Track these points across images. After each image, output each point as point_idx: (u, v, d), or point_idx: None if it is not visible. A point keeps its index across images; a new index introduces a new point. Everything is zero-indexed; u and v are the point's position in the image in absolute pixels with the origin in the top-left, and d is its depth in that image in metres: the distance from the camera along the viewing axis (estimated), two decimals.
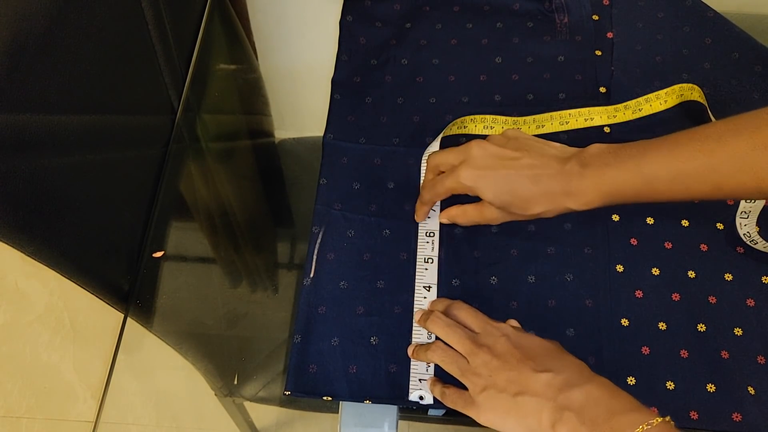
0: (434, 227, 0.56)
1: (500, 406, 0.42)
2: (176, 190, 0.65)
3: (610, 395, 0.40)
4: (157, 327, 0.57)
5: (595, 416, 0.38)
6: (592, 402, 0.39)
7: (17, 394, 1.15)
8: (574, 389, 0.40)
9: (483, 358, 0.44)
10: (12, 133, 0.42)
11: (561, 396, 0.40)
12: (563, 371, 0.41)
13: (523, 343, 0.44)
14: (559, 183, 0.47)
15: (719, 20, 0.65)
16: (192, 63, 0.71)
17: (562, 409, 0.39)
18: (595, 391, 0.40)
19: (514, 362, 0.43)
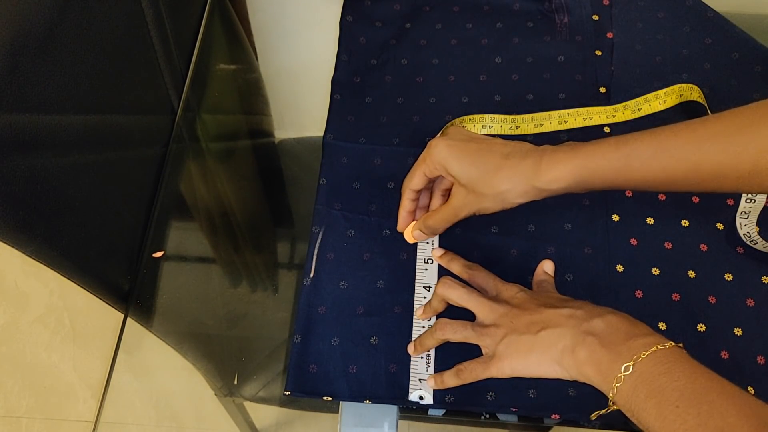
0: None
1: (522, 348, 0.43)
2: (176, 190, 0.65)
3: (629, 323, 0.41)
4: (157, 327, 0.57)
5: (614, 339, 0.40)
6: (612, 328, 0.41)
7: (17, 394, 1.15)
8: (596, 318, 0.41)
9: (502, 311, 0.45)
10: (12, 133, 0.42)
11: (584, 324, 0.41)
12: (583, 306, 0.43)
13: (538, 295, 0.46)
14: (529, 159, 0.46)
15: (719, 20, 0.65)
16: (192, 63, 0.71)
17: (585, 334, 0.41)
18: (615, 319, 0.41)
19: (534, 307, 0.44)
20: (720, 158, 0.41)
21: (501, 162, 0.47)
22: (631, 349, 0.39)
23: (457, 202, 0.49)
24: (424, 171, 0.50)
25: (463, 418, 0.53)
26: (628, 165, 0.44)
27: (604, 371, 0.39)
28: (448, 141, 0.48)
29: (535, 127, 0.60)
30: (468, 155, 0.48)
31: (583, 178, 0.45)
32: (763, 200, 0.54)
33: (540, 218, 0.56)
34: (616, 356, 0.39)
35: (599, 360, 0.40)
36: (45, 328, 1.21)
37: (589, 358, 0.40)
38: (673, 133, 0.43)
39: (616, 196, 0.57)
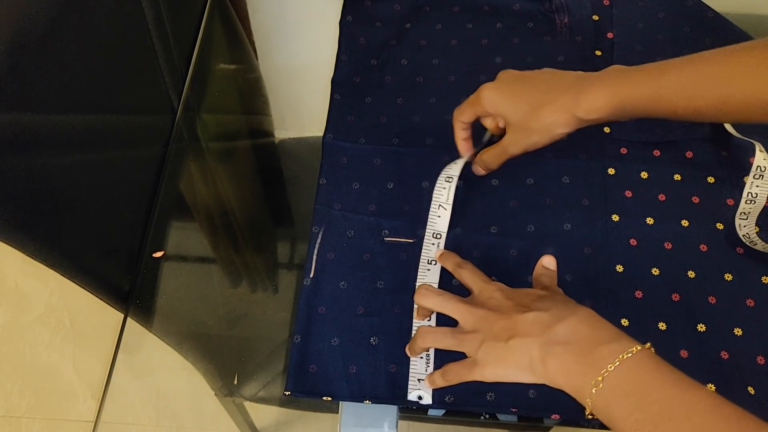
0: (442, 229, 0.55)
1: (498, 355, 0.42)
2: (176, 190, 0.65)
3: (592, 326, 0.41)
4: (157, 327, 0.57)
5: (580, 348, 0.39)
6: (576, 335, 0.40)
7: (17, 394, 1.15)
8: (559, 324, 0.41)
9: (480, 314, 0.44)
10: (12, 133, 0.42)
11: (548, 332, 0.41)
12: (548, 309, 0.42)
13: (515, 294, 0.45)
14: (569, 92, 0.48)
15: (720, 21, 0.65)
16: (192, 63, 0.71)
17: (551, 344, 0.40)
18: (578, 324, 0.41)
19: (507, 311, 0.43)
20: (750, 91, 0.43)
21: (542, 97, 0.49)
22: (598, 361, 0.38)
23: (507, 139, 0.52)
24: (474, 110, 0.53)
25: (463, 418, 0.53)
26: (659, 95, 0.46)
27: (576, 384, 0.39)
28: (495, 84, 0.51)
29: None
30: (513, 96, 0.51)
31: (620, 107, 0.47)
32: (763, 201, 0.54)
33: (540, 218, 0.56)
34: (585, 368, 0.38)
35: (569, 371, 0.39)
36: (45, 328, 1.21)
37: (558, 370, 0.40)
38: (702, 63, 0.45)
39: (616, 196, 0.57)
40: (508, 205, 0.57)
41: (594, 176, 0.58)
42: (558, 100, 0.49)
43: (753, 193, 0.54)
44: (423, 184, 0.58)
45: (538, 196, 0.57)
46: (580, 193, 0.57)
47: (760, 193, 0.54)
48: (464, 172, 0.57)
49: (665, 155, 0.59)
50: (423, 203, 0.57)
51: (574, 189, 0.58)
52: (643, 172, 0.58)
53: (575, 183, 0.58)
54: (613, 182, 0.58)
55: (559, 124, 0.49)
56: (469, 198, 0.57)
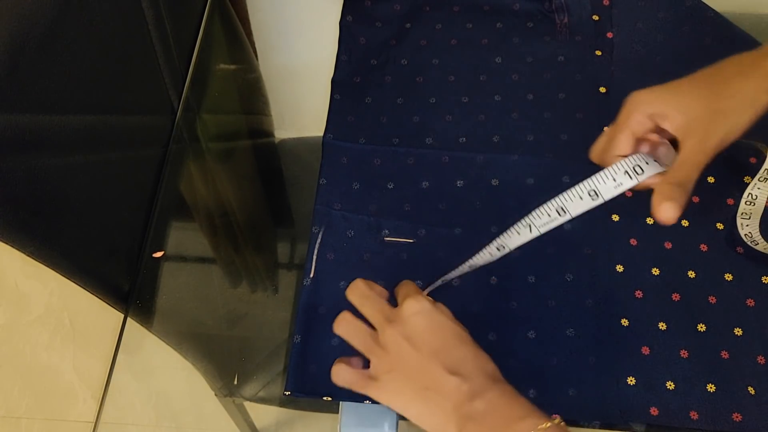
0: (510, 244, 0.50)
1: (407, 393, 0.41)
2: (176, 190, 0.65)
3: (508, 403, 0.40)
4: (157, 327, 0.57)
5: (494, 425, 0.39)
6: (493, 411, 0.39)
7: (17, 394, 1.15)
8: (477, 399, 0.39)
9: (392, 335, 0.42)
10: (12, 133, 0.42)
11: (466, 405, 0.39)
12: (471, 377, 0.40)
13: (435, 326, 0.42)
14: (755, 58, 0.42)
15: (719, 20, 0.65)
16: (192, 63, 0.71)
17: (467, 420, 0.39)
18: (496, 400, 0.40)
19: (426, 351, 0.41)
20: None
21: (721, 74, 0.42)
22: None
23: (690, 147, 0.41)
24: (632, 131, 0.42)
25: None
26: None
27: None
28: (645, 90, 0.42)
29: None
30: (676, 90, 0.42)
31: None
32: (764, 202, 0.54)
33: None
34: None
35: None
36: (45, 328, 1.21)
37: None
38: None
39: (615, 196, 0.57)
40: (508, 205, 0.57)
41: None
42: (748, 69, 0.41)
43: (753, 194, 0.54)
44: (423, 184, 0.58)
45: (539, 196, 0.57)
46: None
47: (760, 195, 0.54)
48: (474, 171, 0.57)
49: None
50: (423, 203, 0.57)
51: None
52: None
53: (575, 183, 0.58)
54: None
55: (762, 88, 0.40)
56: (468, 198, 0.57)
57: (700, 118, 0.41)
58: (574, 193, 0.44)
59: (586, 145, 0.60)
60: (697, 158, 0.41)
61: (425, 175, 0.59)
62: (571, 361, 0.51)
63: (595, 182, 0.43)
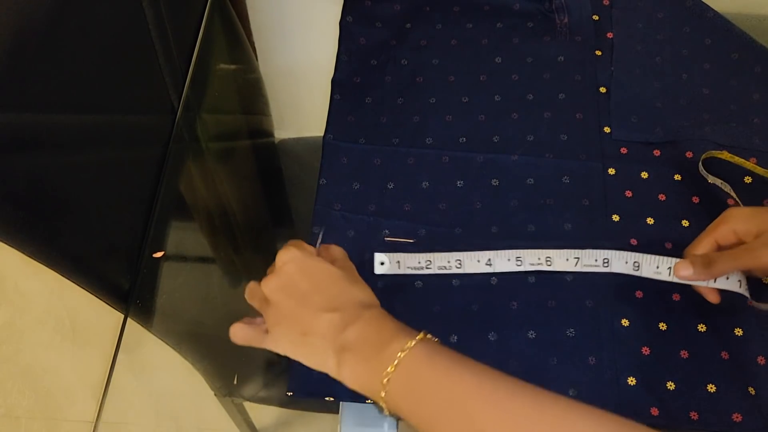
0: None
1: (292, 341, 0.43)
2: (176, 190, 0.65)
3: (377, 329, 0.41)
4: (157, 327, 0.57)
5: (367, 353, 0.40)
6: (363, 339, 0.41)
7: (17, 394, 1.15)
8: (349, 328, 0.41)
9: (270, 286, 0.44)
10: (12, 133, 0.42)
11: (340, 337, 0.41)
12: (342, 309, 0.42)
13: (310, 270, 0.44)
14: None
15: (719, 21, 0.65)
16: (192, 63, 0.71)
17: (342, 351, 0.41)
18: (365, 326, 0.41)
19: (299, 295, 0.43)
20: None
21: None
22: (382, 362, 0.39)
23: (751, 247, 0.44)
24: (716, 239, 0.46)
25: None
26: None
27: (369, 390, 0.40)
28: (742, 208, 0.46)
29: None
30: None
31: None
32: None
33: (540, 218, 0.56)
34: (372, 374, 0.39)
35: (360, 378, 0.40)
36: (45, 328, 1.21)
37: (351, 378, 0.41)
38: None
39: (616, 197, 0.57)
40: (508, 205, 0.57)
41: (594, 176, 0.58)
42: None
43: None
44: (423, 184, 0.58)
45: (539, 196, 0.57)
46: (581, 193, 0.57)
47: None
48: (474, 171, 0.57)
49: (665, 155, 0.59)
50: (423, 203, 0.57)
51: (575, 189, 0.58)
52: (643, 172, 0.58)
53: (575, 183, 0.58)
54: (613, 182, 0.58)
55: None
56: (468, 198, 0.57)
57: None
58: (621, 256, 0.51)
59: (586, 145, 0.60)
60: (742, 260, 0.45)
61: (425, 175, 0.59)
62: (571, 361, 0.50)
63: (643, 258, 0.51)
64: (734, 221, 0.46)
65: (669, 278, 0.50)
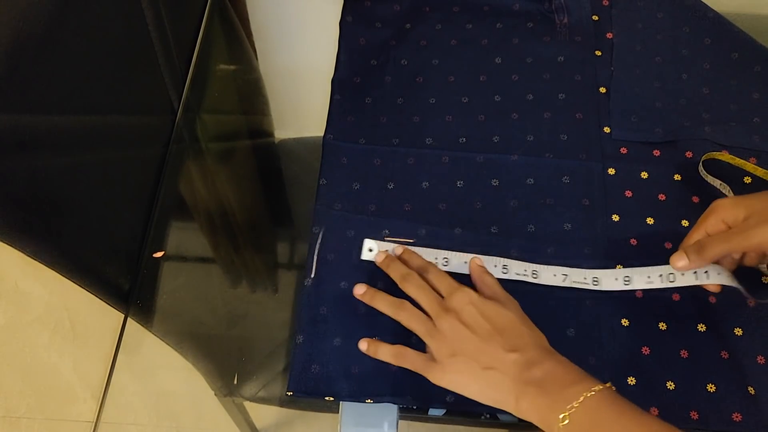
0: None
1: (468, 373, 0.45)
2: (176, 190, 0.65)
3: (564, 370, 0.44)
4: (157, 327, 0.57)
5: (551, 389, 0.43)
6: (550, 377, 0.43)
7: (17, 394, 1.15)
8: (535, 367, 0.44)
9: (450, 322, 0.46)
10: (12, 133, 0.42)
11: (525, 374, 0.44)
12: (527, 350, 0.45)
13: (489, 313, 0.46)
14: None
15: (719, 20, 0.65)
16: (192, 63, 0.71)
17: (526, 385, 0.43)
18: (552, 368, 0.44)
19: (484, 334, 0.45)
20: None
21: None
22: (566, 399, 0.41)
23: (742, 228, 0.46)
24: (707, 230, 0.48)
25: (463, 418, 0.53)
26: None
27: (545, 421, 0.42)
28: (729, 199, 0.48)
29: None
30: (757, 198, 0.47)
31: None
32: None
33: (540, 218, 0.56)
34: (553, 406, 0.42)
35: (539, 409, 0.43)
36: (45, 328, 1.21)
37: (530, 408, 0.43)
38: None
39: (616, 196, 0.57)
40: (508, 205, 0.57)
41: (594, 176, 0.58)
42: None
43: None
44: (423, 184, 0.58)
45: (539, 196, 0.57)
46: (581, 193, 0.57)
47: None
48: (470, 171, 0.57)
49: (665, 155, 0.59)
50: (423, 203, 0.57)
51: (575, 189, 0.58)
52: (643, 172, 0.58)
53: (575, 183, 0.58)
54: (613, 182, 0.58)
55: None
56: (469, 198, 0.57)
57: (759, 215, 0.46)
58: (611, 273, 0.53)
59: (586, 145, 0.60)
60: (734, 241, 0.46)
61: (425, 175, 0.59)
62: (571, 360, 0.50)
63: (633, 272, 0.52)
64: (721, 210, 0.48)
65: (662, 284, 0.50)
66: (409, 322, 0.48)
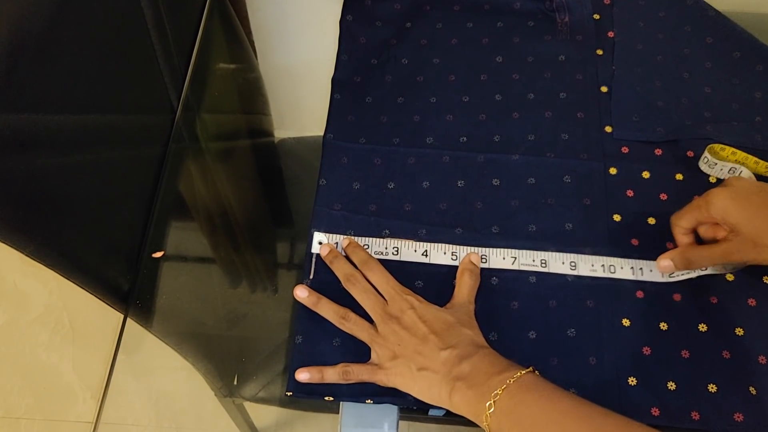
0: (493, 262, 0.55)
1: (407, 374, 0.47)
2: (176, 190, 0.65)
3: (490, 362, 0.46)
4: (157, 327, 0.57)
5: (477, 381, 0.44)
6: (476, 370, 0.45)
7: (17, 394, 1.15)
8: (464, 361, 0.46)
9: (392, 327, 0.49)
10: (12, 133, 0.42)
11: (455, 369, 0.45)
12: (459, 347, 0.47)
13: (427, 317, 0.49)
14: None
15: (720, 19, 0.65)
16: (192, 63, 0.71)
17: (455, 380, 0.45)
18: (479, 360, 0.46)
19: (420, 335, 0.48)
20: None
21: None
22: (491, 388, 0.43)
23: (731, 246, 0.48)
24: (696, 217, 0.50)
25: (464, 418, 0.53)
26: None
27: (474, 411, 0.44)
28: (730, 192, 0.48)
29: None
30: (751, 208, 0.48)
31: None
32: None
33: (541, 218, 0.56)
34: (480, 396, 0.43)
35: (469, 402, 0.44)
36: (45, 328, 1.21)
37: (460, 402, 0.45)
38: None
39: (617, 196, 0.57)
40: (509, 205, 0.57)
41: (595, 176, 0.58)
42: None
43: None
44: (423, 184, 0.58)
45: (540, 196, 0.57)
46: (582, 192, 0.57)
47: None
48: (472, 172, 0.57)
49: (667, 155, 0.59)
50: (423, 203, 0.57)
51: (576, 188, 0.58)
52: (644, 172, 0.58)
53: (577, 182, 0.58)
54: (614, 182, 0.58)
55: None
56: (469, 197, 0.57)
57: (746, 238, 0.47)
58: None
59: (588, 144, 0.60)
60: (723, 256, 0.49)
61: (425, 175, 0.58)
62: (571, 361, 0.50)
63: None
64: (714, 209, 0.48)
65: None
66: (352, 331, 0.50)
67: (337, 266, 0.53)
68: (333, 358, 0.51)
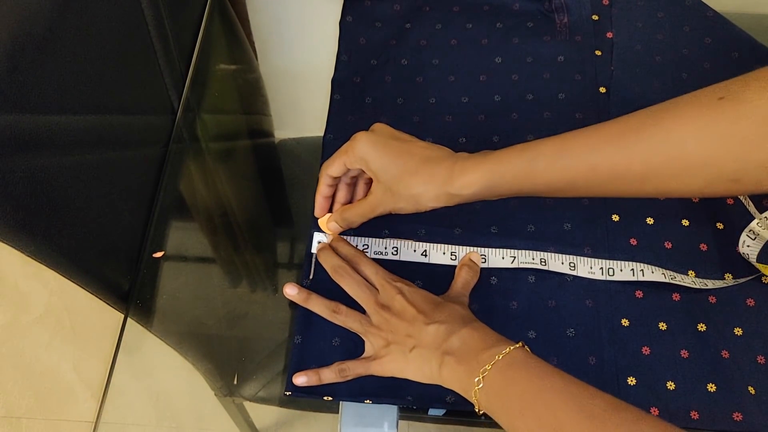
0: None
1: (401, 358, 0.47)
2: (176, 190, 0.65)
3: (479, 336, 0.45)
4: (157, 327, 0.57)
5: (467, 356, 0.44)
6: (465, 345, 0.45)
7: (17, 394, 1.15)
8: (453, 336, 0.45)
9: (384, 316, 0.49)
10: (12, 133, 0.42)
11: (444, 344, 0.45)
12: (447, 322, 0.46)
13: (415, 299, 0.49)
14: (444, 164, 0.47)
15: (719, 20, 0.65)
16: (192, 63, 0.71)
17: (444, 355, 0.45)
18: (468, 335, 0.45)
19: (409, 317, 0.48)
20: (615, 159, 0.43)
21: (419, 165, 0.47)
22: (480, 363, 0.43)
23: (374, 198, 0.50)
24: (344, 161, 0.50)
25: (463, 418, 0.53)
26: (532, 169, 0.45)
27: (464, 387, 0.44)
28: (371, 136, 0.49)
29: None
30: (389, 153, 0.48)
31: (492, 183, 0.46)
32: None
33: (540, 218, 0.56)
34: (469, 370, 0.43)
35: (458, 377, 0.44)
36: (45, 328, 1.21)
37: (450, 377, 0.45)
38: (572, 136, 0.45)
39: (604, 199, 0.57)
40: (508, 205, 0.57)
41: None
42: (432, 170, 0.47)
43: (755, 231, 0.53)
44: None
45: (539, 196, 0.57)
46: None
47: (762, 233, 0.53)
48: None
49: None
50: None
51: None
52: None
53: None
54: None
55: (428, 197, 0.47)
56: None
57: (384, 186, 0.49)
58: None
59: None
60: (371, 210, 0.51)
61: None
62: (571, 361, 0.51)
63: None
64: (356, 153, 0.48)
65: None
66: (345, 323, 0.51)
67: (324, 258, 0.53)
68: (332, 357, 0.51)
